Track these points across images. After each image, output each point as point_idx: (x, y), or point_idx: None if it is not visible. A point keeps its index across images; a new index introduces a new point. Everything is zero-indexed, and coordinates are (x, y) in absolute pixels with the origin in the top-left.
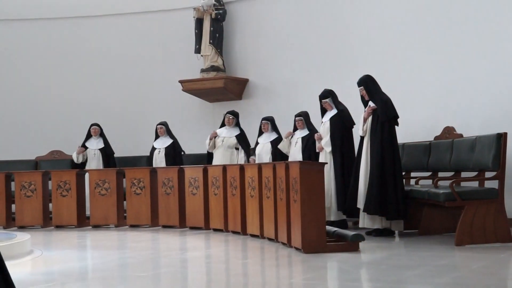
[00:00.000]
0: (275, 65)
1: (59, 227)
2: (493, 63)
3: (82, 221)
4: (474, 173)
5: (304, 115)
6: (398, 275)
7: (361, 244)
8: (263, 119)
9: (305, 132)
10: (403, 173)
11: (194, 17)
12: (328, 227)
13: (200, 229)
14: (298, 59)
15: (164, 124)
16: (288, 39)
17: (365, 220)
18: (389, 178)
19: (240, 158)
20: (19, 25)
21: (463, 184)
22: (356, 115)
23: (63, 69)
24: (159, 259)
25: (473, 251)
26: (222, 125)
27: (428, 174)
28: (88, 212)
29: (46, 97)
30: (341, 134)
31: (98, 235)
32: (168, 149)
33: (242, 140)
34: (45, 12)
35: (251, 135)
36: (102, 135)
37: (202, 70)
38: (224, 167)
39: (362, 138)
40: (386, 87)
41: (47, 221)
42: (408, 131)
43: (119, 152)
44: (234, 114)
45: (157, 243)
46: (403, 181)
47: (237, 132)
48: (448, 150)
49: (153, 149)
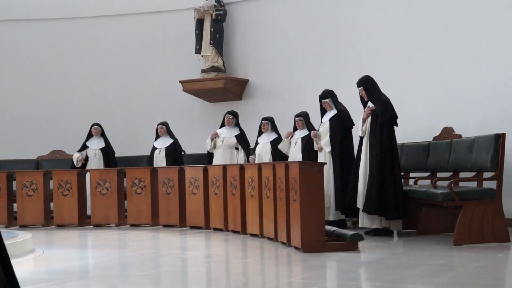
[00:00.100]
0: (275, 65)
1: (60, 226)
2: (492, 65)
3: (83, 220)
4: (473, 174)
5: (304, 116)
6: (397, 275)
7: (360, 244)
8: (263, 119)
9: (305, 132)
10: (402, 173)
11: (194, 18)
12: (327, 226)
13: (200, 228)
14: (298, 60)
15: (165, 124)
16: (288, 40)
17: (364, 220)
18: (388, 178)
19: (240, 158)
20: (21, 25)
21: (461, 184)
22: (356, 115)
23: (65, 69)
24: (159, 258)
25: (471, 250)
26: (222, 125)
27: (427, 174)
28: (89, 212)
29: (47, 97)
30: (341, 134)
31: (99, 234)
32: (168, 149)
33: (242, 140)
34: (47, 12)
35: (251, 135)
36: (103, 135)
37: (203, 71)
38: (224, 167)
39: (362, 139)
40: (386, 87)
41: (49, 220)
42: (407, 132)
43: (120, 152)
44: (233, 114)
45: (157, 242)
46: (402, 181)
47: (237, 132)
48: (447, 151)
49: (154, 149)
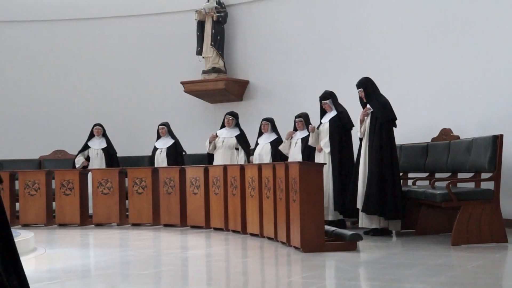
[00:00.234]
0: (275, 67)
1: (62, 225)
2: (490, 66)
3: (85, 219)
4: (470, 174)
5: (304, 116)
6: (395, 274)
7: (359, 244)
8: (263, 119)
9: (305, 133)
10: (401, 174)
11: (196, 19)
12: (326, 226)
13: (201, 228)
14: (298, 61)
15: (166, 124)
16: (289, 41)
17: (363, 220)
18: (387, 179)
19: (240, 158)
20: (23, 26)
21: (459, 185)
22: (356, 116)
23: (67, 70)
24: (160, 257)
25: (468, 251)
26: (222, 126)
27: (425, 175)
28: (91, 211)
29: (50, 98)
30: (340, 135)
31: (100, 233)
32: (169, 149)
33: (242, 141)
34: (49, 13)
35: (252, 136)
36: (104, 135)
37: (204, 72)
38: (225, 167)
39: (361, 140)
40: (385, 88)
41: (51, 220)
42: (406, 133)
43: (121, 152)
44: (233, 115)
45: (158, 242)
46: (401, 182)
47: (237, 133)
48: (445, 152)
49: (155, 149)
